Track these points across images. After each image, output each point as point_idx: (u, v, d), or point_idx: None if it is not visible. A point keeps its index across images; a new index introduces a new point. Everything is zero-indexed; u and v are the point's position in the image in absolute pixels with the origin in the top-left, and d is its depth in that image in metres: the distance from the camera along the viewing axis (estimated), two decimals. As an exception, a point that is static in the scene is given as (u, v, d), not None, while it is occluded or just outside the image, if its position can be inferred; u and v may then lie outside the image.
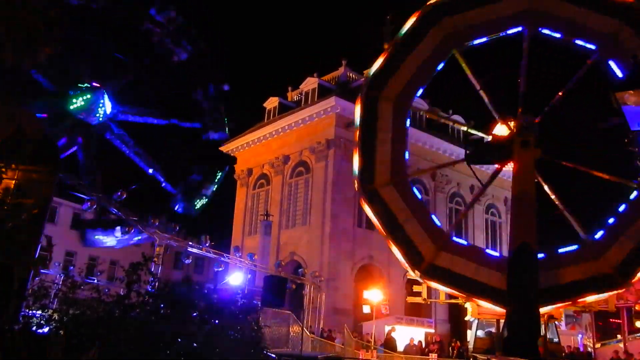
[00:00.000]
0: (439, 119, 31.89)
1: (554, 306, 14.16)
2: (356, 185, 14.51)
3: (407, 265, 14.13)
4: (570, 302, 14.40)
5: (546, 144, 14.05)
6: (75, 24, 9.57)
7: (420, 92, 15.46)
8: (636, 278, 13.73)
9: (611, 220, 14.04)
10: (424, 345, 24.03)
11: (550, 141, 14.19)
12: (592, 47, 14.30)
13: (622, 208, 13.94)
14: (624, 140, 12.44)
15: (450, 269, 14.00)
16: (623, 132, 11.90)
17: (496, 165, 15.35)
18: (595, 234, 14.07)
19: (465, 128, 17.13)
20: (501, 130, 14.75)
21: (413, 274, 14.46)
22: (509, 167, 14.53)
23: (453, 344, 23.89)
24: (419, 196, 15.23)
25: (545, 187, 14.44)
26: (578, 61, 14.65)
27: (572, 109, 14.82)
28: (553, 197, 14.50)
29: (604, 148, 14.61)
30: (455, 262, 14.05)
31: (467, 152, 15.09)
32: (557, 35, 14.49)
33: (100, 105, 9.75)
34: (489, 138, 15.25)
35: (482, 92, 14.82)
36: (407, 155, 14.90)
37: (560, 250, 14.25)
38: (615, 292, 13.89)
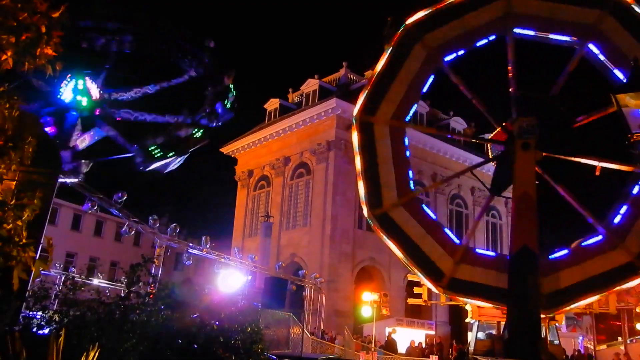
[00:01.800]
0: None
1: (579, 303, 14.04)
2: (365, 211, 14.48)
3: (429, 283, 14.17)
4: (596, 296, 14.24)
5: (546, 144, 14.01)
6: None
7: (413, 109, 15.47)
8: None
9: (624, 209, 13.95)
10: (424, 347, 24.03)
11: (550, 140, 14.13)
12: (567, 38, 14.43)
13: (635, 190, 13.85)
14: (625, 142, 12.40)
15: (471, 280, 13.99)
16: (624, 134, 11.88)
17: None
18: (611, 224, 13.98)
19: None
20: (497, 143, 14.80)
21: (437, 291, 14.49)
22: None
23: (453, 346, 23.91)
24: (430, 213, 15.23)
25: (551, 185, 14.38)
26: (565, 56, 14.71)
27: (568, 103, 14.83)
28: (562, 193, 14.40)
29: (604, 140, 14.64)
30: (476, 273, 14.05)
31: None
32: (531, 32, 14.60)
33: (80, 87, 9.50)
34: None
35: (474, 101, 14.85)
36: (411, 175, 14.94)
37: (578, 246, 14.14)
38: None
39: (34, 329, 6.04)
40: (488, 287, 13.82)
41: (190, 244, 19.08)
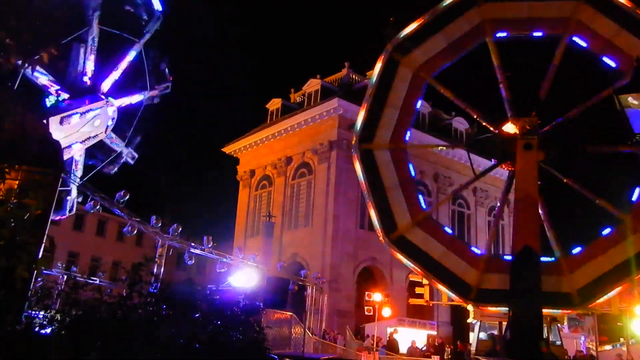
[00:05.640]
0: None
1: (610, 293, 14.08)
2: (381, 237, 14.50)
3: (458, 298, 14.23)
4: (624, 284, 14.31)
5: (549, 146, 13.97)
6: None
7: (409, 132, 15.24)
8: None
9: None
10: (423, 350, 23.98)
11: (553, 143, 14.10)
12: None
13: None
14: (628, 142, 12.39)
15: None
16: (627, 135, 11.87)
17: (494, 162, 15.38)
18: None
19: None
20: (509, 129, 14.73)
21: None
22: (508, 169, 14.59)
23: (452, 346, 23.84)
24: (447, 229, 15.36)
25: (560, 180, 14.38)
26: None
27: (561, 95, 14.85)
28: (573, 186, 14.31)
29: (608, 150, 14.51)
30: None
31: (471, 139, 15.20)
32: (514, 33, 14.61)
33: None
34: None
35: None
36: (421, 196, 15.07)
37: (598, 237, 14.12)
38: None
39: (36, 329, 6.05)
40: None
41: (192, 244, 19.06)
